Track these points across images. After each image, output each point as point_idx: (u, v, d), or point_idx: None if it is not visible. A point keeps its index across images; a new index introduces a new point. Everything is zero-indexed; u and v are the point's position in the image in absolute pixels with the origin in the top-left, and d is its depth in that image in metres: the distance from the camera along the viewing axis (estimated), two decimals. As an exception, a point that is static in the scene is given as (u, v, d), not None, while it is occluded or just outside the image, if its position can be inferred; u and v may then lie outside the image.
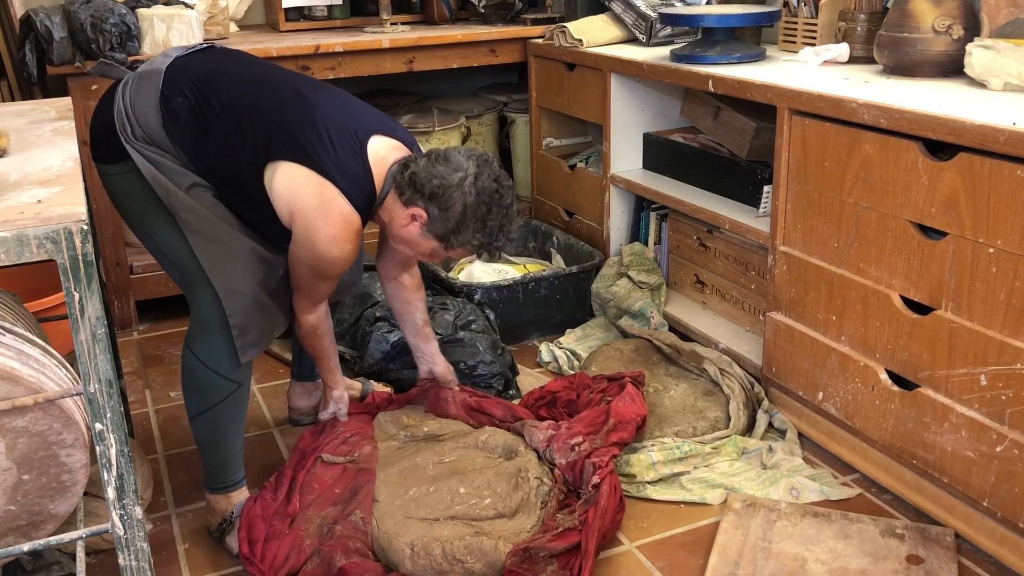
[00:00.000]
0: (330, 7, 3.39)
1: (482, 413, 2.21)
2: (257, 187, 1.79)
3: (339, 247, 1.78)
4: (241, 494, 1.93)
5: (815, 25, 2.54)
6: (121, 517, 1.35)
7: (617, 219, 2.95)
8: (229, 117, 1.79)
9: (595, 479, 1.90)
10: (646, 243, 2.93)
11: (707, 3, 2.91)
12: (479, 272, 2.98)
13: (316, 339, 2.01)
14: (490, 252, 1.87)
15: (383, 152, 1.82)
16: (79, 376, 1.28)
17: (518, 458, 2.02)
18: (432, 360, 2.24)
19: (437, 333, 2.51)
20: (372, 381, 2.45)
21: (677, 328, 2.67)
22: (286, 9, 3.27)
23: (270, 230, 1.86)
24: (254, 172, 1.78)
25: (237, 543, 1.85)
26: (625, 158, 2.91)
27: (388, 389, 2.41)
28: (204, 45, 1.96)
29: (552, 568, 1.73)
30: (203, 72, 1.83)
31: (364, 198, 1.79)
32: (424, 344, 2.23)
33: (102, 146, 1.84)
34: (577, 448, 1.99)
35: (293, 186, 1.75)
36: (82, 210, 1.21)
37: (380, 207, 1.85)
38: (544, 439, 2.05)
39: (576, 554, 1.75)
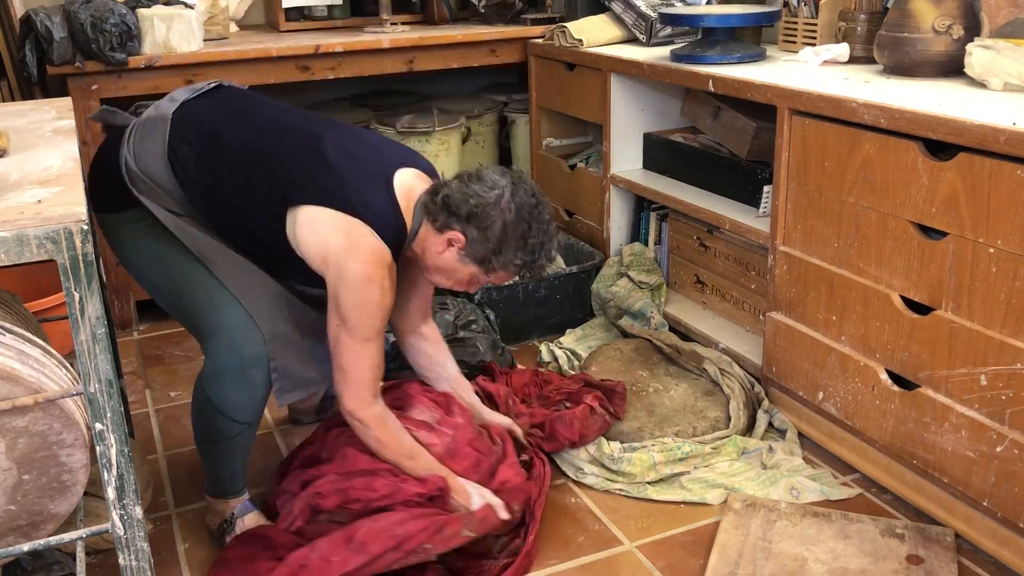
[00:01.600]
0: (330, 7, 3.39)
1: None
2: (278, 241, 1.70)
3: (375, 287, 1.66)
4: (242, 498, 1.92)
5: (815, 25, 2.54)
6: (121, 517, 1.35)
7: (617, 219, 2.95)
8: (239, 167, 1.71)
9: (523, 457, 2.03)
10: (646, 243, 2.93)
11: (707, 3, 2.91)
12: (479, 272, 2.98)
13: (389, 434, 1.76)
14: (532, 272, 1.78)
15: (409, 184, 1.75)
16: (79, 376, 1.28)
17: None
18: (491, 417, 2.08)
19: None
20: None
21: (677, 328, 2.67)
22: (286, 9, 3.27)
23: (301, 280, 1.78)
24: (273, 223, 1.69)
25: None
26: (625, 158, 2.91)
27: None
28: (212, 84, 1.88)
29: (502, 541, 1.85)
30: (210, 121, 1.76)
31: (395, 233, 1.71)
32: (468, 396, 2.08)
33: (106, 195, 1.77)
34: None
35: (319, 229, 1.66)
36: (82, 210, 1.21)
37: (412, 242, 1.75)
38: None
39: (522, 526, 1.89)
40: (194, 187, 1.72)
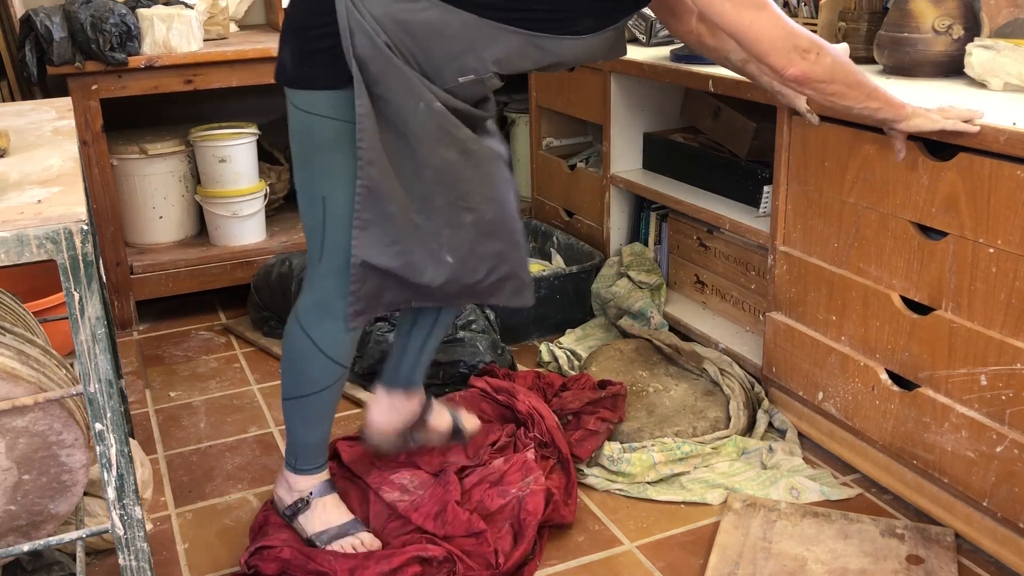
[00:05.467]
0: (330, 7, 3.38)
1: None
2: None
3: None
4: (322, 476, 1.87)
5: (815, 25, 2.54)
6: (121, 517, 1.35)
7: (617, 219, 2.95)
8: None
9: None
10: (646, 243, 2.93)
11: (707, 3, 2.90)
12: (479, 272, 2.98)
13: (830, 84, 1.62)
14: None
15: None
16: (79, 376, 1.28)
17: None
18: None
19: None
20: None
21: (677, 328, 2.67)
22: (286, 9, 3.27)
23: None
24: None
25: (311, 526, 1.83)
26: (625, 158, 2.91)
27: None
28: None
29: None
30: None
31: None
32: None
33: (313, 63, 1.63)
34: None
35: None
36: (82, 210, 1.21)
37: None
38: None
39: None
40: None
